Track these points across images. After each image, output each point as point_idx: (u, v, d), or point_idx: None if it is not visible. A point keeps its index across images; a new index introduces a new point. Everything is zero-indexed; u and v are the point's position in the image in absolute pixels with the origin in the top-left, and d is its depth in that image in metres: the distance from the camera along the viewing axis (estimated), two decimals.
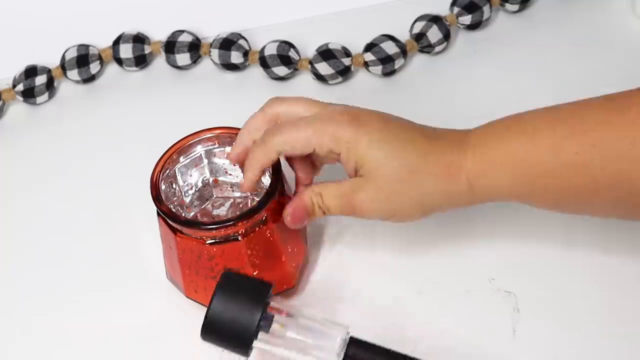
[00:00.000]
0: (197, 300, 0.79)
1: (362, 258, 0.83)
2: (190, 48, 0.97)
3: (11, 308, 0.83)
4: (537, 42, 0.97)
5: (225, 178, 0.83)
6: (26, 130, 0.96)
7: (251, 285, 0.70)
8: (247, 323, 0.68)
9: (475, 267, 0.81)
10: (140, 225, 0.85)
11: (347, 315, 0.80)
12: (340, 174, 0.76)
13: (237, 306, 0.68)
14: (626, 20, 0.97)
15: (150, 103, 0.97)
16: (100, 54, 0.98)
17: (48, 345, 0.81)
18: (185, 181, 0.81)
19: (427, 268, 0.82)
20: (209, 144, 0.81)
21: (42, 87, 0.96)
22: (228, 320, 0.68)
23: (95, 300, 0.82)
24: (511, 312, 0.78)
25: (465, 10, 0.97)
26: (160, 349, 0.79)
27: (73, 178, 0.91)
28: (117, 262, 0.84)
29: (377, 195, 0.73)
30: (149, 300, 0.82)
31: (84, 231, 0.87)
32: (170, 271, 0.80)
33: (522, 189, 0.72)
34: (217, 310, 0.68)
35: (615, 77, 0.92)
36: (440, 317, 0.79)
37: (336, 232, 0.85)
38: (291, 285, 0.79)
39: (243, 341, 0.68)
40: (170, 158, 0.79)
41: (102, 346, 0.80)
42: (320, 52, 0.95)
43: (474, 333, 0.78)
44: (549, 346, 0.76)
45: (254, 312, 0.68)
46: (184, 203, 0.81)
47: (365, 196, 0.73)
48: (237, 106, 0.95)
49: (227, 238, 0.75)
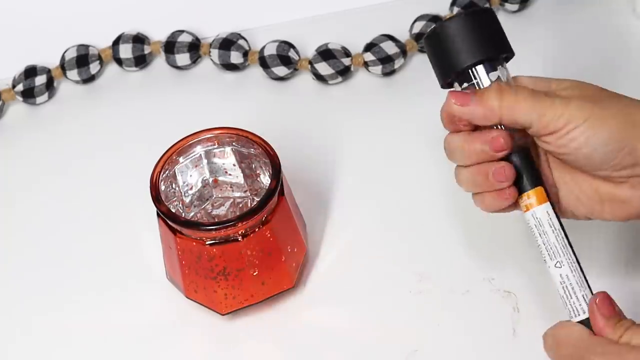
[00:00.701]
0: (197, 300, 0.79)
1: (362, 258, 0.83)
2: (190, 48, 0.97)
3: (11, 308, 0.83)
4: (537, 42, 0.97)
5: (225, 178, 0.83)
6: (26, 130, 0.96)
7: (500, 34, 0.69)
8: (465, 54, 0.68)
9: (475, 267, 0.81)
10: (140, 225, 0.85)
11: (347, 315, 0.80)
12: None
13: (473, 37, 0.68)
14: (626, 20, 0.97)
15: (150, 103, 0.97)
16: (100, 54, 0.98)
17: (48, 345, 0.81)
18: (185, 181, 0.81)
19: (426, 268, 0.82)
20: (208, 144, 0.81)
21: (41, 87, 0.96)
22: (454, 40, 0.68)
23: (95, 300, 0.83)
24: (511, 312, 0.78)
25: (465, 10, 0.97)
26: (160, 349, 0.79)
27: (73, 178, 0.91)
28: (117, 262, 0.84)
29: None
30: (149, 300, 0.82)
31: (84, 231, 0.87)
32: (170, 271, 0.80)
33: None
34: (454, 26, 0.68)
35: (615, 77, 0.92)
36: (440, 317, 0.79)
37: (336, 232, 0.85)
38: (291, 285, 0.80)
39: (449, 66, 0.68)
40: (170, 158, 0.79)
41: (102, 346, 0.80)
42: (320, 52, 0.95)
43: (474, 333, 0.78)
44: None
45: (482, 53, 0.67)
46: (183, 203, 0.81)
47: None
48: (237, 106, 0.95)
49: (227, 239, 0.75)
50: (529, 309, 0.78)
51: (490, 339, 0.77)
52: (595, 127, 0.66)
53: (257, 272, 0.77)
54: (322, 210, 0.86)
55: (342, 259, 0.83)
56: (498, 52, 0.69)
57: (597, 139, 0.66)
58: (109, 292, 0.83)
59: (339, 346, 0.78)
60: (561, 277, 0.67)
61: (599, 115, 0.66)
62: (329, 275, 0.82)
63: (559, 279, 0.68)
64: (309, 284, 0.82)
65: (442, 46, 0.69)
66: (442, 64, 0.69)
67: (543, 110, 0.67)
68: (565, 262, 0.68)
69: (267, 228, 0.76)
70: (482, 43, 0.68)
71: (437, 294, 0.80)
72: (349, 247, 0.84)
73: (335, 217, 0.86)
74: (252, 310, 0.80)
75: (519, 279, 0.80)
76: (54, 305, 0.83)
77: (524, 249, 0.81)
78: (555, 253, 0.68)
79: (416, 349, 0.77)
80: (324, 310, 0.81)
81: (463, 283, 0.80)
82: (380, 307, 0.80)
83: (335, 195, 0.87)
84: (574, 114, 0.66)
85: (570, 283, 0.67)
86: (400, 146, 0.89)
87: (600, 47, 0.95)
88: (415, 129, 0.89)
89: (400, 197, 0.86)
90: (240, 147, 0.81)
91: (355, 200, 0.87)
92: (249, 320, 0.80)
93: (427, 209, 0.85)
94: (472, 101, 0.68)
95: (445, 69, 0.69)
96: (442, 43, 0.69)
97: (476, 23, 0.68)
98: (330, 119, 0.93)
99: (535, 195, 0.69)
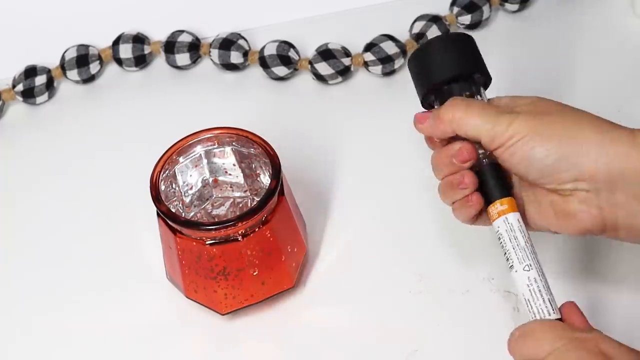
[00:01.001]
0: (197, 300, 0.79)
1: (362, 258, 0.83)
2: (190, 48, 0.97)
3: (11, 308, 0.83)
4: (537, 42, 0.97)
5: (225, 178, 0.83)
6: (26, 130, 0.96)
7: (476, 56, 0.72)
8: (442, 72, 0.71)
9: (475, 267, 0.81)
10: (140, 225, 0.85)
11: (347, 315, 0.80)
12: None
13: (450, 56, 0.71)
14: (626, 20, 0.97)
15: (150, 103, 0.97)
16: (100, 54, 0.98)
17: (48, 345, 0.81)
18: (185, 181, 0.81)
19: (426, 268, 0.82)
20: (208, 144, 0.81)
21: (41, 87, 0.96)
22: (431, 61, 0.71)
23: (95, 300, 0.83)
24: (511, 312, 0.78)
25: (465, 10, 0.97)
26: (160, 349, 0.79)
27: (73, 178, 0.91)
28: (117, 262, 0.84)
29: None
30: (149, 300, 0.82)
31: (84, 231, 0.87)
32: (170, 271, 0.80)
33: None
34: (432, 46, 0.72)
35: (615, 77, 0.92)
36: (440, 317, 0.79)
37: (336, 232, 0.85)
38: (291, 285, 0.80)
39: (427, 85, 0.72)
40: (170, 158, 0.79)
41: (102, 346, 0.80)
42: (320, 52, 0.95)
43: (474, 333, 0.78)
44: None
45: (455, 69, 0.71)
46: (183, 203, 0.81)
47: None
48: (237, 106, 0.95)
49: (227, 238, 0.75)
50: None
51: (490, 339, 0.77)
52: (535, 141, 0.68)
53: (257, 272, 0.77)
54: (322, 210, 0.86)
55: (342, 259, 0.83)
56: (472, 70, 0.72)
57: (535, 153, 0.68)
58: (109, 292, 0.83)
59: (339, 346, 0.78)
60: (529, 279, 0.68)
61: (540, 131, 0.68)
62: (329, 275, 0.82)
63: (527, 281, 0.69)
64: (309, 284, 0.82)
65: (420, 67, 0.72)
66: (419, 83, 0.73)
67: (489, 125, 0.69)
68: (533, 266, 0.69)
69: (267, 228, 0.76)
70: (456, 62, 0.72)
71: (437, 294, 0.80)
72: (349, 247, 0.84)
73: (335, 217, 0.86)
74: (252, 310, 0.80)
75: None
76: (54, 305, 0.83)
77: None
78: (525, 257, 0.69)
79: (416, 349, 0.77)
80: (323, 310, 0.81)
81: (463, 283, 0.80)
82: (380, 307, 0.80)
83: (335, 195, 0.87)
84: (517, 129, 0.69)
85: (538, 286, 0.68)
86: (400, 146, 0.89)
87: (600, 47, 0.95)
88: (415, 129, 0.89)
89: (400, 197, 0.86)
90: (240, 147, 0.81)
91: (355, 200, 0.87)
92: (249, 320, 0.80)
93: (427, 209, 0.85)
94: (430, 117, 0.72)
95: (422, 87, 0.73)
96: (420, 64, 0.72)
97: (454, 44, 0.72)
98: (330, 119, 0.93)
99: (508, 203, 0.71)
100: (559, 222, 0.71)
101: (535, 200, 0.72)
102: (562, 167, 0.68)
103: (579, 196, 0.69)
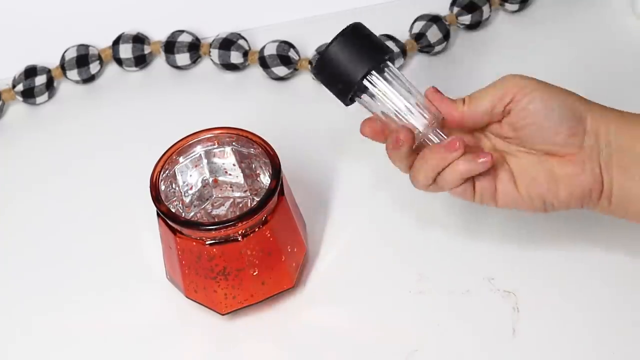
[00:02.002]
0: (197, 300, 0.79)
1: (362, 258, 0.83)
2: (190, 48, 0.97)
3: (11, 308, 0.83)
4: (537, 42, 0.97)
5: (225, 178, 0.83)
6: (26, 130, 0.96)
7: (374, 44, 0.74)
8: (353, 72, 0.73)
9: (475, 267, 0.81)
10: (140, 225, 0.85)
11: (347, 315, 0.80)
12: None
13: (352, 55, 0.74)
14: (626, 20, 0.97)
15: (150, 103, 0.97)
16: (100, 54, 0.98)
17: (48, 345, 0.81)
18: (185, 181, 0.81)
19: (426, 268, 0.82)
20: (208, 144, 0.81)
21: (41, 87, 0.96)
22: (338, 64, 0.73)
23: (95, 300, 0.83)
24: (511, 312, 0.78)
25: (465, 10, 0.97)
26: (160, 349, 0.79)
27: (73, 178, 0.91)
28: (117, 262, 0.84)
29: None
30: (149, 300, 0.82)
31: (84, 231, 0.87)
32: (170, 271, 0.80)
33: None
34: (332, 51, 0.73)
35: (615, 77, 0.92)
36: (440, 316, 0.79)
37: (336, 232, 0.85)
38: (291, 285, 0.80)
39: (345, 88, 0.74)
40: (170, 158, 0.79)
41: (102, 346, 0.80)
42: (320, 52, 0.94)
43: (474, 333, 0.78)
44: (549, 346, 0.76)
45: (364, 66, 0.73)
46: (183, 203, 0.81)
47: None
48: (237, 106, 0.95)
49: (227, 238, 0.75)
50: (529, 309, 0.78)
51: (490, 339, 0.77)
52: (550, 91, 0.72)
53: (257, 272, 0.77)
54: (322, 210, 0.86)
55: (342, 259, 0.83)
56: (381, 58, 0.74)
57: (553, 101, 0.72)
58: (109, 292, 0.83)
59: (339, 346, 0.78)
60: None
61: (546, 87, 0.73)
62: (329, 275, 0.82)
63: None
64: (309, 284, 0.82)
65: (332, 71, 0.74)
66: (338, 86, 0.75)
67: (495, 90, 0.74)
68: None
69: (267, 228, 0.76)
70: (364, 55, 0.74)
71: (437, 294, 0.80)
72: (349, 247, 0.84)
73: (335, 217, 0.86)
74: (252, 310, 0.80)
75: (519, 279, 0.80)
76: (54, 305, 0.83)
77: (524, 249, 0.81)
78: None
79: (416, 349, 0.77)
80: (323, 310, 0.81)
81: (463, 283, 0.80)
82: (380, 307, 0.80)
83: (335, 195, 0.87)
84: (524, 83, 0.73)
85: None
86: None
87: (600, 47, 0.95)
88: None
89: (400, 197, 0.86)
90: (240, 147, 0.81)
91: (355, 200, 0.87)
92: (249, 320, 0.80)
93: (427, 209, 0.85)
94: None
95: (345, 89, 0.74)
96: (330, 69, 0.74)
97: (351, 41, 0.74)
98: (330, 119, 0.93)
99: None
100: (559, 187, 0.72)
101: (533, 169, 0.73)
102: (575, 117, 0.71)
103: (580, 156, 0.71)
